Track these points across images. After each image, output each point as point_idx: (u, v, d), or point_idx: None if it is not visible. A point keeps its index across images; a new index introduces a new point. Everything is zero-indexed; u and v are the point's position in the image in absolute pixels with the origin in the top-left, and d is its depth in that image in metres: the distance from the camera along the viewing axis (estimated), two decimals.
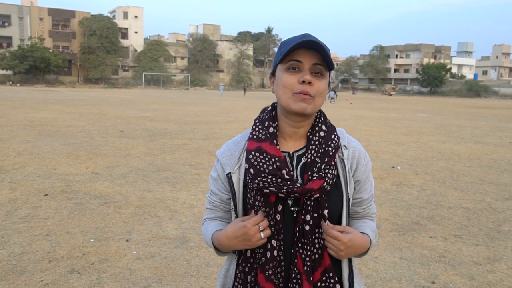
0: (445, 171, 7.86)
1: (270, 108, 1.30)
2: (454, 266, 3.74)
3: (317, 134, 1.24)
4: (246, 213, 1.24)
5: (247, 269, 1.21)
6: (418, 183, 6.85)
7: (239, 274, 1.23)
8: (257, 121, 1.29)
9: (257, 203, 1.18)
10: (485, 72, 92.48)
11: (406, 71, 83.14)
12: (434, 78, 69.51)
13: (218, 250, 1.28)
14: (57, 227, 4.38)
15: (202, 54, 72.00)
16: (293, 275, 1.19)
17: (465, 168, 8.16)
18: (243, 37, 78.51)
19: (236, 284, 1.25)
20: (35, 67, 56.30)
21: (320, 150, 1.21)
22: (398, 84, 79.28)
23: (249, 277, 1.21)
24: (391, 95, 66.29)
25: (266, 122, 1.25)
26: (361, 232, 1.26)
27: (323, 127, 1.25)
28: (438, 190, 6.40)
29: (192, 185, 6.34)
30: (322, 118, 1.27)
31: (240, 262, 1.25)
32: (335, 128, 1.29)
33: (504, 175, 7.62)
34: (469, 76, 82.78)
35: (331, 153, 1.21)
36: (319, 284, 1.19)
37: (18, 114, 16.07)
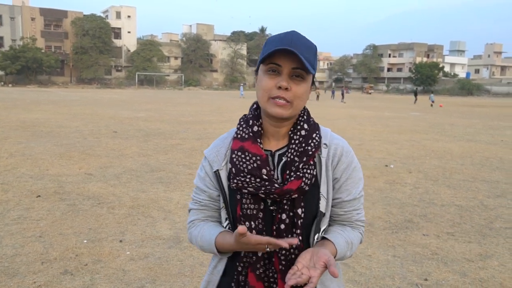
0: (438, 169, 7.91)
1: (255, 106, 1.29)
2: (447, 263, 3.77)
3: (298, 133, 1.22)
4: (235, 210, 1.23)
5: (239, 269, 1.21)
6: (411, 181, 6.88)
7: (235, 274, 1.22)
8: (241, 120, 1.29)
9: (244, 200, 1.18)
10: (477, 71, 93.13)
11: (399, 70, 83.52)
12: (427, 77, 69.89)
13: (220, 252, 1.24)
14: (50, 228, 4.35)
15: (195, 53, 71.83)
16: (270, 274, 1.19)
17: (458, 166, 8.22)
18: (236, 36, 78.46)
19: (228, 282, 1.25)
20: (27, 67, 55.87)
21: (300, 149, 1.20)
22: (391, 83, 79.60)
23: (240, 276, 1.21)
24: (369, 93, 67.09)
25: (251, 121, 1.25)
26: (324, 238, 1.21)
27: (305, 126, 1.24)
28: (431, 188, 6.44)
29: (186, 185, 6.33)
30: (305, 117, 1.26)
31: (233, 261, 1.25)
32: (319, 127, 1.27)
33: (496, 173, 7.68)
34: (462, 74, 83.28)
35: (310, 152, 1.20)
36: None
37: (10, 115, 15.95)
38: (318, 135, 1.24)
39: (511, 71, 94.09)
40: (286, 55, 1.13)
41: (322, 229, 1.23)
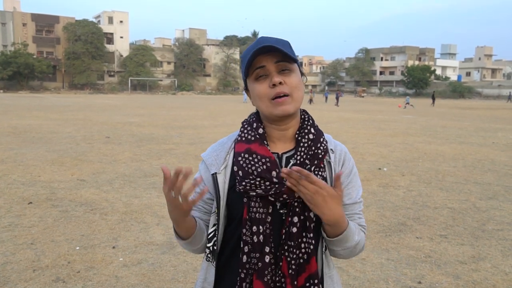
0: (431, 171, 7.95)
1: (256, 110, 1.30)
2: (440, 265, 3.78)
3: (306, 137, 1.24)
4: (229, 216, 1.23)
5: (242, 275, 1.18)
6: (404, 184, 6.91)
7: (238, 281, 1.19)
8: (245, 123, 1.29)
9: (252, 204, 1.16)
10: (468, 74, 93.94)
11: (392, 73, 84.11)
12: (419, 80, 70.39)
13: (179, 236, 1.24)
14: (42, 235, 4.31)
15: (188, 58, 71.83)
16: (277, 279, 1.17)
17: (450, 169, 8.27)
18: (229, 41, 78.60)
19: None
20: (18, 73, 55.53)
21: (310, 152, 1.21)
22: (384, 86, 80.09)
23: (244, 284, 1.17)
24: (362, 96, 67.64)
25: (255, 124, 1.25)
26: None
27: (312, 130, 1.26)
28: (424, 191, 6.47)
29: None
30: (311, 122, 1.28)
31: (226, 267, 1.24)
32: (323, 133, 1.30)
33: (488, 175, 7.73)
34: (453, 77, 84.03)
35: (320, 156, 1.22)
36: None
37: (1, 121, 15.82)
38: (324, 140, 1.26)
39: (502, 74, 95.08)
40: (265, 56, 1.16)
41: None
